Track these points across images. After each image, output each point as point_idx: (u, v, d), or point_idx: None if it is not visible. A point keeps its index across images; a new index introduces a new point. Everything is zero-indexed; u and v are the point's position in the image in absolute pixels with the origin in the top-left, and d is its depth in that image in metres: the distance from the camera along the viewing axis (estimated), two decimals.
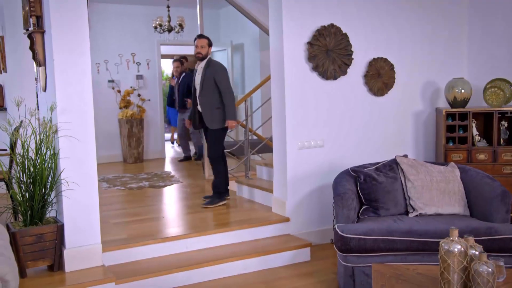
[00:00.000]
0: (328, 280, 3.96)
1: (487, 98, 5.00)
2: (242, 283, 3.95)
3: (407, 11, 5.18)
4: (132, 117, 8.89)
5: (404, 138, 5.29)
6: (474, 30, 5.44)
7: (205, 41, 5.15)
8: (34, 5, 3.87)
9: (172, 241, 4.19)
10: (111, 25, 9.13)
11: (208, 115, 5.11)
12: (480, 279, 2.30)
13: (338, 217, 3.76)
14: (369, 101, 5.05)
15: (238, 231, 4.44)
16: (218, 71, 5.08)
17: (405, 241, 3.52)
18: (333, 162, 4.81)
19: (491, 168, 4.81)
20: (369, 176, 3.96)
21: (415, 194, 3.91)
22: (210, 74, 5.04)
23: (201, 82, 5.09)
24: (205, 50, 5.12)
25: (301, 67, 4.69)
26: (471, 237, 2.49)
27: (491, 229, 3.52)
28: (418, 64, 5.29)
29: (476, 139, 4.96)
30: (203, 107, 5.12)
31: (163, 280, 3.82)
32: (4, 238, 3.44)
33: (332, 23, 4.74)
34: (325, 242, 4.78)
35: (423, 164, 4.11)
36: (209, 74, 5.04)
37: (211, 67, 5.09)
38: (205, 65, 5.10)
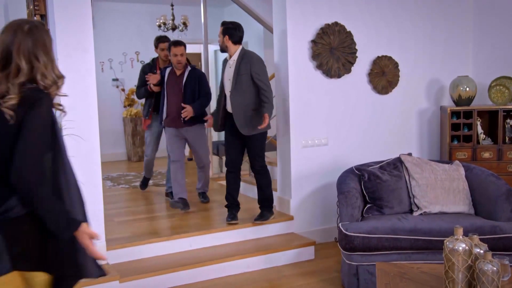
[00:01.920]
0: (332, 278, 3.95)
1: (492, 96, 4.97)
2: (245, 281, 3.95)
3: (411, 9, 5.16)
4: (136, 115, 8.91)
5: (409, 136, 5.28)
6: (479, 27, 5.41)
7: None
8: (38, 4, 3.88)
9: (176, 240, 4.19)
10: (115, 24, 9.14)
11: (241, 119, 4.29)
12: (485, 278, 2.29)
13: (342, 216, 3.75)
14: (373, 99, 5.03)
15: (242, 230, 4.44)
16: (255, 64, 4.28)
17: (409, 239, 3.51)
18: (337, 161, 4.80)
19: (496, 166, 4.79)
20: (373, 174, 3.95)
21: (419, 192, 3.89)
22: (246, 69, 4.27)
23: (234, 78, 4.32)
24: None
25: (305, 65, 4.68)
26: (475, 235, 2.48)
27: (496, 228, 3.51)
28: (423, 62, 5.27)
29: (481, 137, 4.93)
30: (236, 108, 4.32)
31: (167, 278, 3.83)
32: None
33: (336, 21, 4.73)
34: (329, 240, 4.77)
35: (427, 162, 4.10)
36: (245, 69, 4.27)
37: (247, 59, 4.29)
38: (238, 58, 4.32)
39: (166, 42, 5.34)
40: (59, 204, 1.91)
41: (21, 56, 1.91)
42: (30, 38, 1.94)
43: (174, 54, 4.85)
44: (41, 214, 1.86)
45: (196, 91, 4.88)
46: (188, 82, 4.88)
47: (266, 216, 4.50)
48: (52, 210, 1.87)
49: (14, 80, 1.89)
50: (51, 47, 2.00)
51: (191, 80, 4.89)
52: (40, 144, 1.87)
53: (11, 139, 1.84)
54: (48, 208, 1.86)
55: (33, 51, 1.93)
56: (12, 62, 1.91)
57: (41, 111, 1.87)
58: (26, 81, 1.91)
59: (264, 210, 4.52)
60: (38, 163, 1.85)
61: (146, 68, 5.47)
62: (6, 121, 1.84)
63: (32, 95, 1.88)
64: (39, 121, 1.87)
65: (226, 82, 4.41)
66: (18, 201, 1.86)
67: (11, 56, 1.92)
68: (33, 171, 1.83)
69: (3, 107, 1.84)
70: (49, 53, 1.99)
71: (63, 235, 1.91)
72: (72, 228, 1.91)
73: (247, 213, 4.78)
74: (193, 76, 4.92)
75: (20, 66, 1.90)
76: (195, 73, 4.95)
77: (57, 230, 1.89)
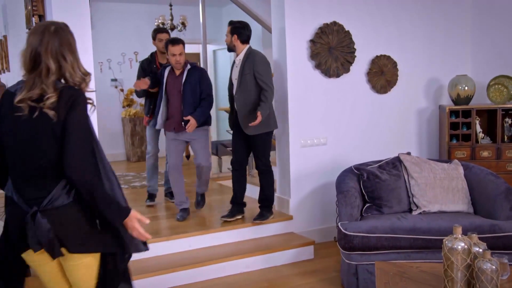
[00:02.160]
0: (332, 278, 3.95)
1: (491, 95, 4.97)
2: (245, 281, 3.95)
3: (410, 8, 5.16)
4: (135, 115, 8.90)
5: (407, 136, 5.28)
6: (477, 27, 5.41)
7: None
8: (37, 4, 3.87)
9: (175, 240, 4.19)
10: (113, 24, 9.14)
11: (245, 118, 4.32)
12: (484, 277, 2.29)
13: (341, 215, 3.75)
14: (372, 98, 5.03)
15: (241, 229, 4.44)
16: (258, 63, 4.28)
17: (408, 238, 3.52)
18: (336, 160, 4.80)
19: (495, 165, 4.79)
20: (372, 173, 3.95)
21: (418, 191, 3.90)
22: (249, 68, 4.27)
23: (239, 77, 4.34)
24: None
25: (304, 65, 4.68)
26: (474, 234, 2.48)
27: (495, 227, 3.51)
28: (421, 61, 5.27)
29: (479, 136, 4.94)
30: (240, 108, 4.35)
31: (167, 279, 3.83)
32: None
33: (335, 21, 4.73)
34: (329, 240, 4.77)
35: (426, 161, 4.10)
36: (248, 68, 4.28)
37: (251, 59, 4.30)
38: (243, 57, 4.34)
39: (165, 33, 5.15)
40: (111, 195, 2.10)
41: (49, 56, 2.03)
42: (57, 38, 2.05)
43: (172, 54, 4.46)
44: (99, 206, 2.05)
45: (197, 93, 4.49)
46: (188, 82, 4.48)
47: (265, 216, 4.50)
48: (108, 201, 2.06)
49: (46, 79, 2.01)
50: (75, 47, 2.13)
51: (191, 81, 4.48)
52: (88, 141, 2.06)
53: (54, 136, 2.00)
54: (104, 200, 2.05)
55: (60, 50, 2.05)
56: (41, 62, 2.02)
57: (82, 109, 2.03)
58: (56, 80, 2.04)
59: (264, 210, 4.52)
60: (91, 161, 2.06)
61: (145, 63, 5.18)
62: (48, 120, 1.98)
63: (69, 93, 2.02)
64: (82, 120, 2.04)
65: (234, 82, 4.45)
66: (62, 191, 2.03)
67: (40, 57, 2.03)
68: (89, 170, 2.03)
69: (45, 108, 1.97)
70: (75, 52, 2.11)
71: (117, 222, 2.10)
72: (124, 215, 2.10)
73: (246, 213, 4.78)
74: (193, 76, 4.51)
75: (49, 66, 2.02)
76: (195, 72, 4.53)
77: (112, 218, 2.09)
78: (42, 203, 2.01)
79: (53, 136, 2.00)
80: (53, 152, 2.01)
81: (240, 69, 4.32)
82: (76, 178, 1.99)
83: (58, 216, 2.03)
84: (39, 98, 1.99)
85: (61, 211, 2.04)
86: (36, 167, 2.03)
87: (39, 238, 2.01)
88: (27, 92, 2.01)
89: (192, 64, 4.59)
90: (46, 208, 2.01)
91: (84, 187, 2.01)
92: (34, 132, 2.02)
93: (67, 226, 2.05)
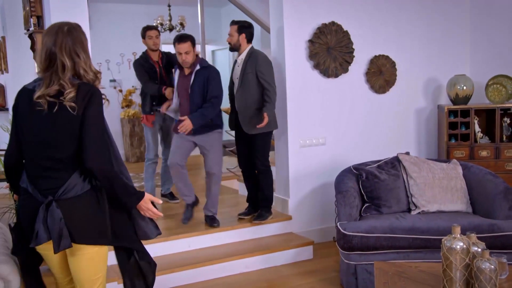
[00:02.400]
0: (331, 278, 3.95)
1: (489, 94, 4.98)
2: (244, 281, 3.95)
3: (409, 8, 5.16)
4: (134, 116, 8.90)
5: (406, 136, 5.28)
6: (476, 26, 5.42)
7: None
8: (35, 5, 3.87)
9: (174, 240, 4.19)
10: (112, 25, 9.13)
11: (245, 117, 4.30)
12: (483, 276, 2.29)
13: (340, 215, 3.75)
14: (370, 98, 5.04)
15: (240, 230, 4.44)
16: (261, 63, 4.23)
17: (407, 238, 3.52)
18: (335, 160, 4.81)
19: (494, 164, 4.80)
20: (371, 173, 3.96)
21: (417, 191, 3.90)
22: (252, 67, 4.23)
23: (240, 76, 4.30)
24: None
25: (302, 65, 4.68)
26: (473, 234, 2.48)
27: (494, 226, 3.51)
28: (420, 61, 5.27)
29: (478, 136, 4.94)
30: (240, 107, 4.31)
31: (166, 279, 3.83)
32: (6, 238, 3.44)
33: (333, 21, 4.73)
34: (328, 240, 4.77)
35: (425, 161, 4.10)
36: (250, 67, 4.24)
37: (253, 58, 4.26)
38: (246, 57, 4.30)
39: (154, 30, 5.06)
40: (124, 180, 2.26)
41: (64, 53, 2.17)
42: (70, 37, 2.19)
43: (178, 52, 4.21)
44: (113, 192, 2.22)
45: (205, 95, 4.21)
46: (196, 83, 4.20)
47: (264, 216, 4.48)
48: (122, 187, 2.23)
49: (63, 76, 2.15)
50: (87, 45, 2.28)
51: (199, 81, 4.20)
52: (104, 134, 2.23)
53: (71, 129, 2.14)
54: (122, 186, 2.22)
55: (73, 48, 2.19)
56: (57, 60, 2.16)
57: (98, 104, 2.20)
58: (72, 76, 2.18)
59: (263, 210, 4.51)
60: (106, 152, 2.21)
61: (142, 61, 5.04)
62: (66, 114, 2.12)
63: (87, 89, 2.17)
64: (99, 115, 2.20)
65: (235, 81, 4.42)
66: (76, 181, 2.16)
67: (55, 55, 2.17)
68: (108, 160, 2.20)
69: (66, 102, 2.11)
70: (86, 50, 2.25)
71: (134, 205, 2.28)
72: (140, 197, 2.28)
73: None
74: (202, 76, 4.20)
75: (64, 63, 2.16)
76: (204, 72, 4.23)
77: (130, 202, 2.27)
78: (57, 193, 2.14)
79: (71, 129, 2.13)
80: (69, 145, 2.14)
81: (242, 68, 4.29)
82: (96, 168, 2.13)
83: (70, 206, 2.15)
84: (57, 94, 2.13)
85: (74, 201, 2.16)
86: (53, 159, 2.16)
87: (50, 227, 2.11)
88: (45, 89, 2.14)
89: (202, 64, 4.27)
90: (61, 198, 2.14)
91: (104, 176, 2.16)
92: (52, 126, 2.14)
93: (77, 216, 2.16)
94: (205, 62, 4.34)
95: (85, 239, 2.19)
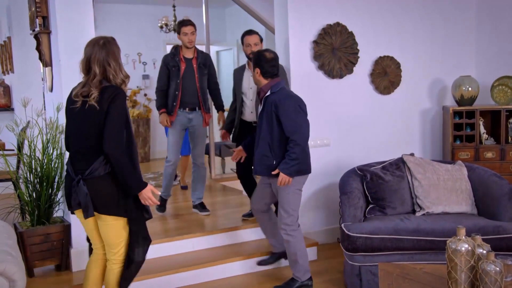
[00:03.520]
0: (335, 279, 3.95)
1: (495, 96, 4.96)
2: (248, 282, 3.95)
3: (413, 9, 5.15)
4: (138, 117, 8.92)
5: (411, 137, 5.27)
6: (481, 27, 5.40)
7: (257, 38, 4.36)
8: (40, 6, 3.89)
9: (178, 241, 4.19)
10: (117, 25, 9.15)
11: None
12: (488, 278, 2.28)
13: (344, 216, 3.75)
14: (375, 99, 5.03)
15: (244, 230, 4.44)
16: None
17: (412, 240, 3.51)
18: (339, 161, 4.80)
19: (499, 166, 4.78)
20: (376, 175, 3.95)
21: (422, 192, 3.89)
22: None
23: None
24: (257, 47, 4.24)
25: (307, 66, 4.68)
26: (478, 236, 2.47)
27: (499, 228, 3.50)
28: (425, 62, 5.26)
29: (483, 137, 4.92)
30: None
31: (170, 279, 3.83)
32: (11, 237, 3.46)
33: (338, 22, 4.73)
34: (332, 241, 4.77)
35: (430, 162, 4.09)
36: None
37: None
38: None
39: (190, 25, 4.63)
40: (133, 169, 2.73)
41: (96, 63, 2.72)
42: (104, 49, 2.74)
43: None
44: (121, 175, 2.68)
45: (275, 128, 3.59)
46: (264, 112, 3.63)
47: None
48: (130, 173, 2.70)
49: (92, 81, 2.71)
50: (119, 55, 2.82)
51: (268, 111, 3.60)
52: (119, 127, 2.69)
53: (96, 122, 2.67)
54: (127, 172, 2.68)
55: (106, 59, 2.73)
56: (91, 68, 2.73)
57: (118, 103, 2.68)
58: (102, 80, 2.72)
59: None
60: (121, 142, 2.69)
61: (169, 57, 4.67)
62: (93, 110, 2.67)
63: (111, 90, 2.69)
64: (118, 111, 2.68)
65: (245, 91, 4.35)
66: (100, 164, 2.69)
67: (89, 64, 2.74)
68: (119, 147, 2.67)
69: (90, 101, 2.67)
70: (117, 60, 2.79)
71: (135, 191, 2.74)
72: (142, 186, 2.74)
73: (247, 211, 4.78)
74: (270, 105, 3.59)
75: (95, 71, 2.72)
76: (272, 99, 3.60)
77: (130, 188, 2.72)
78: (85, 173, 2.69)
79: (96, 122, 2.67)
80: (95, 135, 2.67)
81: None
82: (109, 152, 2.64)
83: (94, 184, 2.69)
84: (88, 95, 2.70)
85: (97, 180, 2.69)
86: (84, 146, 2.73)
87: (80, 199, 2.70)
88: (79, 89, 2.74)
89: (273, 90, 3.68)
90: (87, 177, 2.69)
91: (114, 159, 2.64)
92: (83, 119, 2.72)
93: (99, 192, 2.70)
94: (276, 87, 3.62)
95: (104, 210, 2.73)
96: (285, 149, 3.50)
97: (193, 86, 4.66)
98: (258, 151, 3.58)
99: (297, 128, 3.47)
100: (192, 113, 4.72)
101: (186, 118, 4.72)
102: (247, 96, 4.40)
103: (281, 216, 3.62)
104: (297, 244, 3.63)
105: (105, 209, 2.73)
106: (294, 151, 3.45)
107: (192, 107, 4.71)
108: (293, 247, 3.62)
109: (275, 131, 3.51)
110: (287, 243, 3.64)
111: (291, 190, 3.58)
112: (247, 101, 4.40)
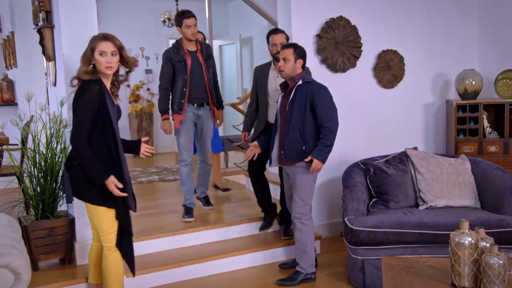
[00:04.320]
0: (338, 273, 3.96)
1: (498, 89, 4.95)
2: (251, 276, 3.96)
3: (417, 2, 5.13)
4: (141, 111, 8.93)
5: (414, 131, 5.26)
6: (485, 21, 5.38)
7: (284, 37, 4.13)
8: (44, 0, 3.88)
9: (182, 235, 4.21)
10: (120, 20, 9.16)
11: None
12: (491, 272, 2.28)
13: (347, 210, 3.75)
14: (378, 93, 5.02)
15: (248, 224, 4.45)
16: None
17: (415, 233, 3.51)
18: (342, 155, 4.80)
19: (503, 160, 4.77)
20: (379, 168, 3.95)
21: (425, 186, 3.89)
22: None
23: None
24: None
25: (310, 60, 4.66)
26: (482, 229, 2.48)
27: (502, 221, 3.50)
28: (428, 55, 5.24)
29: (487, 131, 4.91)
30: None
31: (173, 273, 3.85)
32: (16, 231, 3.48)
33: (341, 15, 4.71)
34: (335, 235, 4.78)
35: (433, 156, 4.09)
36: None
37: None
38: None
39: (192, 17, 4.36)
40: (94, 160, 2.86)
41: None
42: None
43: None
44: (83, 166, 2.87)
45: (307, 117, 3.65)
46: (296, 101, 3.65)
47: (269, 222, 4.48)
48: (90, 164, 2.85)
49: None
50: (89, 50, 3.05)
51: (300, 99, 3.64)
52: (81, 121, 2.86)
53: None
54: (87, 163, 2.85)
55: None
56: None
57: (81, 98, 2.88)
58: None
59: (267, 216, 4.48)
60: (81, 134, 2.84)
61: (172, 52, 4.39)
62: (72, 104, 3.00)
63: (79, 86, 2.95)
64: (79, 105, 2.88)
65: (270, 91, 4.14)
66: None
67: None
68: (78, 140, 2.85)
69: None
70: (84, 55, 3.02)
71: (96, 182, 2.87)
72: (102, 177, 2.87)
73: (252, 209, 4.79)
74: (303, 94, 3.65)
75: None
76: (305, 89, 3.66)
77: (93, 177, 2.86)
78: (68, 162, 3.00)
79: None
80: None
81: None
82: (70, 143, 2.91)
83: (71, 171, 2.97)
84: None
85: (74, 169, 2.95)
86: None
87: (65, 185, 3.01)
88: None
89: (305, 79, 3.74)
90: (68, 165, 2.99)
91: (75, 150, 2.89)
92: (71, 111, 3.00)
93: (75, 179, 2.96)
94: (307, 77, 3.70)
95: (78, 196, 2.99)
96: (316, 137, 3.62)
97: (202, 80, 4.44)
98: (288, 137, 3.62)
99: (332, 117, 3.61)
100: (201, 109, 4.49)
101: (195, 114, 4.51)
102: (272, 98, 4.13)
103: (296, 204, 3.69)
104: (309, 234, 3.72)
105: (79, 195, 2.98)
106: (328, 138, 3.58)
107: (201, 102, 4.48)
108: (305, 237, 3.70)
109: (307, 119, 3.60)
110: (300, 232, 3.70)
111: (310, 179, 3.70)
112: (271, 103, 4.14)
